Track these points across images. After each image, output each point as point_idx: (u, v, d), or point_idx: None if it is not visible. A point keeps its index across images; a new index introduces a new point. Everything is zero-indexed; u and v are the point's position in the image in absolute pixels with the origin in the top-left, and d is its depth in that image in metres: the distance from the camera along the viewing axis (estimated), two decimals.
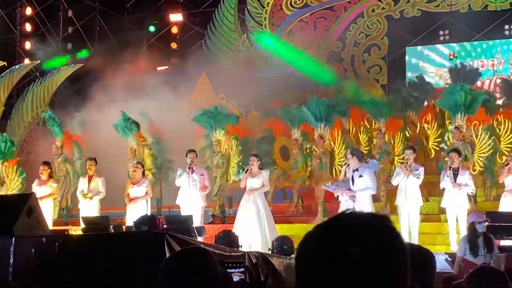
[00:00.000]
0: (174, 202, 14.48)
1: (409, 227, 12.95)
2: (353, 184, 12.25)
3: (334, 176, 14.89)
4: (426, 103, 18.60)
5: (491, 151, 14.88)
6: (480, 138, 14.90)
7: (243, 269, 6.46)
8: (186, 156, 14.37)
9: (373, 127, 17.08)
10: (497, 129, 15.66)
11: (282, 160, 16.56)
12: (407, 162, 13.17)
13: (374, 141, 16.46)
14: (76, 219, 14.92)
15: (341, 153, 15.45)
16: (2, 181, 15.71)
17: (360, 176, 12.25)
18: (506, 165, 13.12)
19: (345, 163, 13.00)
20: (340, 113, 16.67)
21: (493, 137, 14.95)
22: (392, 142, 16.00)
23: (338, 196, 12.62)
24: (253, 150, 15.91)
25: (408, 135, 16.69)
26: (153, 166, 16.25)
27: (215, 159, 15.83)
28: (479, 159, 14.68)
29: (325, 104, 16.03)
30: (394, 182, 13.37)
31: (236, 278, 6.31)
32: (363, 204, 12.01)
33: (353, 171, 12.33)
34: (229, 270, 6.25)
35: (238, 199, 14.18)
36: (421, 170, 13.21)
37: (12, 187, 15.64)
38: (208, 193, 14.68)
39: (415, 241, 12.45)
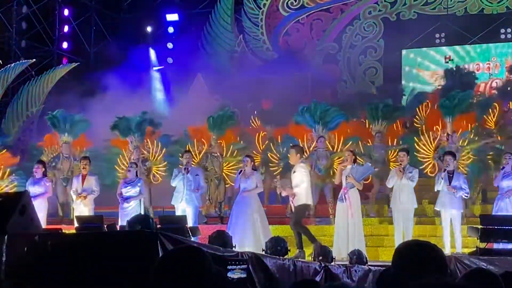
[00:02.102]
0: (168, 202, 14.46)
1: (403, 229, 12.95)
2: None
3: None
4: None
5: (470, 159, 14.66)
6: (458, 146, 14.78)
7: (245, 265, 6.44)
8: (182, 157, 14.35)
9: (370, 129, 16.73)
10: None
11: None
12: (400, 164, 13.17)
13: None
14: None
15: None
16: None
17: (294, 172, 12.76)
18: (502, 169, 13.13)
19: (340, 163, 13.20)
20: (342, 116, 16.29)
21: (470, 146, 14.78)
22: (391, 145, 15.80)
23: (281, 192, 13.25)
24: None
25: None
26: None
27: (216, 161, 15.74)
28: (460, 166, 14.55)
29: (324, 107, 15.86)
30: (389, 184, 13.39)
31: (236, 275, 6.30)
32: (300, 199, 12.58)
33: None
34: (230, 267, 6.23)
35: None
36: (415, 172, 13.21)
37: None
38: (203, 193, 14.70)
39: None
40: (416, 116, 17.99)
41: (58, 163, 16.27)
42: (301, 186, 12.58)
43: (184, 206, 13.87)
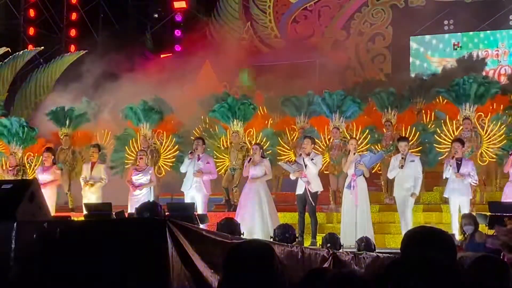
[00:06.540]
0: (176, 190, 14.47)
1: (400, 215, 13.06)
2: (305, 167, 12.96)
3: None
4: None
5: (504, 141, 14.32)
6: (487, 130, 14.51)
7: None
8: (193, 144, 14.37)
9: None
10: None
11: None
12: (402, 153, 13.17)
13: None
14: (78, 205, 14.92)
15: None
16: (21, 169, 15.53)
17: (312, 159, 13.02)
18: (511, 155, 13.07)
19: (353, 154, 13.32)
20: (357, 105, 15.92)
21: (503, 127, 14.44)
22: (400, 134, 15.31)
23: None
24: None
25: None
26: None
27: (234, 152, 15.51)
28: (487, 150, 14.40)
29: (340, 95, 15.63)
30: (390, 175, 13.40)
31: None
32: (314, 184, 12.97)
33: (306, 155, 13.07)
34: None
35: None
36: (417, 160, 13.26)
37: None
38: (216, 180, 14.69)
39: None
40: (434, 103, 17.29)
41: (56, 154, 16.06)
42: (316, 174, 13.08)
43: (193, 193, 13.85)
